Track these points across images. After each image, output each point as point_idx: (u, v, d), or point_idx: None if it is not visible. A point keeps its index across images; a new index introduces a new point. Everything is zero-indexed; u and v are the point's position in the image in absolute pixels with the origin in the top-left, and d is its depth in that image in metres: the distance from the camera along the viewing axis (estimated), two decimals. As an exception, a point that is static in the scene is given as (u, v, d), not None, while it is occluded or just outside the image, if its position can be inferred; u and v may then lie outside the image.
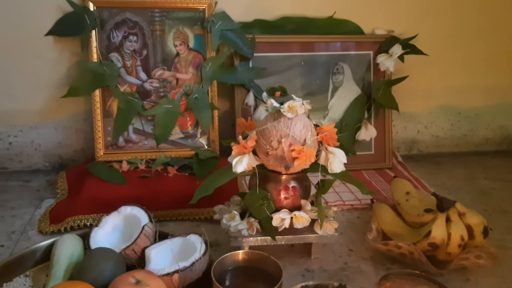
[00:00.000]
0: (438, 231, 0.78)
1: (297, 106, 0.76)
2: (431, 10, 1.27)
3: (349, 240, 0.92)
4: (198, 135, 1.16)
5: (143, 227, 0.79)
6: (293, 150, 0.74)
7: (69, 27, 1.09)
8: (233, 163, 0.76)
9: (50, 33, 1.10)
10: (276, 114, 0.77)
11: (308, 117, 0.80)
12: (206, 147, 1.16)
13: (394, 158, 1.28)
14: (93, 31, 1.08)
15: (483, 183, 1.21)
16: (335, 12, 1.21)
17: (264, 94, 0.83)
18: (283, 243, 0.81)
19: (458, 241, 0.78)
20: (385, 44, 1.21)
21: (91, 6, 1.07)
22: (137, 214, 0.83)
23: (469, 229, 0.80)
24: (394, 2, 1.24)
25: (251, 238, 0.80)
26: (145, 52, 1.12)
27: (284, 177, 0.80)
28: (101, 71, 1.08)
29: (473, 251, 0.78)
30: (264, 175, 0.80)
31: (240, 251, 0.74)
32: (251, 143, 0.76)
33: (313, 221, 0.82)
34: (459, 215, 0.81)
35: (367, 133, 1.21)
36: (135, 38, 1.10)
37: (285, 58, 1.19)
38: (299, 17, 1.20)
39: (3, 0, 1.08)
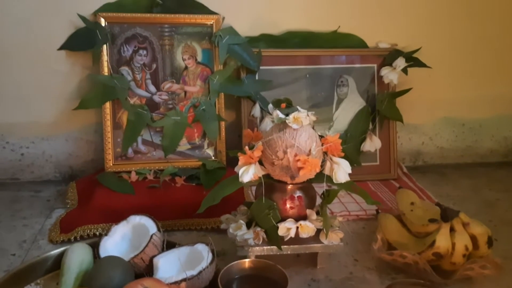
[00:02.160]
0: (442, 241, 0.79)
1: (302, 117, 0.77)
2: (434, 23, 1.29)
3: (354, 250, 0.93)
4: (205, 146, 1.18)
5: (151, 236, 0.80)
6: (298, 160, 0.75)
7: (81, 42, 1.12)
8: (240, 173, 0.77)
9: (62, 47, 1.14)
10: (282, 125, 0.79)
11: (313, 128, 0.82)
12: (213, 157, 1.17)
13: (399, 169, 1.29)
14: (104, 46, 1.11)
15: (488, 194, 1.22)
16: (339, 26, 1.24)
17: (270, 106, 0.85)
18: (289, 252, 0.83)
19: (463, 251, 0.79)
20: (388, 57, 1.23)
21: (103, 22, 1.11)
22: (146, 224, 0.84)
23: (473, 239, 0.81)
24: (397, 16, 1.26)
25: (257, 248, 0.82)
26: (154, 65, 1.14)
27: (289, 186, 0.82)
28: (111, 84, 1.11)
29: (478, 261, 0.79)
30: (270, 185, 0.82)
31: (247, 260, 0.75)
32: (257, 153, 0.78)
33: (318, 231, 0.83)
34: (463, 225, 0.82)
35: (372, 144, 1.23)
36: (145, 52, 1.14)
37: (290, 71, 1.21)
38: (304, 32, 1.23)
39: (18, 16, 1.12)
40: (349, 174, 0.79)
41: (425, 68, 1.23)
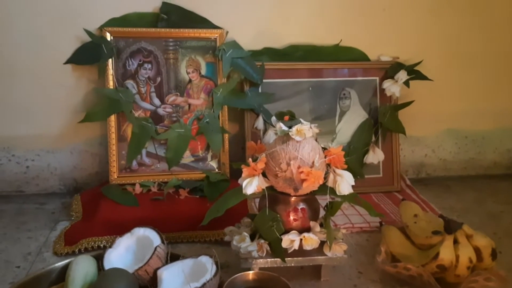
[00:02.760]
0: (446, 253, 0.79)
1: (305, 129, 0.78)
2: (436, 36, 1.30)
3: (358, 262, 0.93)
4: (209, 158, 1.18)
5: (155, 249, 0.81)
6: (301, 172, 0.76)
7: (87, 56, 1.14)
8: (243, 185, 0.78)
9: (69, 61, 1.15)
10: (285, 137, 0.80)
11: (316, 140, 0.83)
12: (216, 170, 1.18)
13: (403, 181, 1.29)
14: (110, 60, 1.12)
15: (492, 206, 1.21)
16: (341, 40, 1.25)
17: (273, 118, 0.85)
18: (292, 265, 0.83)
19: (467, 263, 0.79)
20: (390, 70, 1.24)
21: (108, 36, 1.13)
22: (150, 236, 0.85)
23: (477, 251, 0.81)
24: (398, 30, 1.28)
25: (261, 260, 0.82)
26: (159, 79, 1.16)
27: (293, 199, 0.82)
28: (116, 97, 1.12)
29: (483, 274, 0.79)
30: (273, 197, 0.82)
31: (250, 272, 0.76)
32: (260, 165, 0.78)
33: (322, 243, 0.83)
34: (467, 237, 0.82)
35: (375, 156, 1.23)
36: (149, 66, 1.15)
37: (293, 84, 1.22)
38: (306, 45, 1.24)
39: (25, 31, 1.14)
40: (352, 186, 0.79)
41: (427, 80, 1.24)
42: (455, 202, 1.24)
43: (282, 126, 0.80)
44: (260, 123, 1.20)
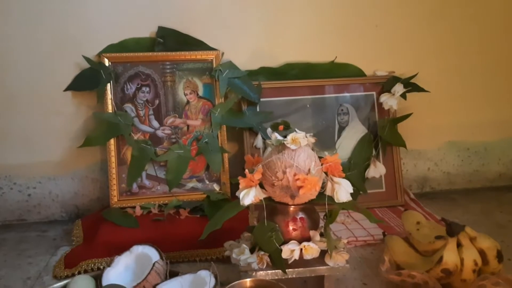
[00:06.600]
0: (449, 256, 0.77)
1: (300, 137, 0.78)
2: (430, 48, 1.31)
3: (363, 274, 0.91)
4: (210, 180, 1.18)
5: (153, 264, 0.80)
6: (297, 179, 0.75)
7: (86, 82, 1.16)
8: (241, 196, 0.77)
9: (68, 88, 1.18)
10: (280, 147, 0.80)
11: (312, 149, 0.82)
12: (217, 190, 1.17)
13: (406, 195, 1.27)
14: (108, 85, 1.15)
15: (499, 216, 1.19)
16: (336, 57, 1.27)
17: (269, 130, 0.86)
18: (294, 276, 0.80)
19: (472, 266, 0.77)
20: (387, 84, 1.25)
21: (107, 62, 1.15)
22: (149, 253, 0.84)
23: (481, 253, 0.78)
24: (392, 44, 1.29)
25: (261, 272, 0.80)
26: (157, 101, 1.18)
27: (291, 208, 0.81)
28: (115, 121, 1.14)
29: (490, 278, 0.76)
30: (272, 208, 0.81)
31: (248, 279, 0.74)
32: (257, 176, 0.78)
33: (323, 253, 0.81)
34: (470, 240, 0.80)
35: (376, 170, 1.22)
36: (147, 89, 1.17)
37: (290, 102, 1.23)
38: (302, 63, 1.26)
39: (24, 59, 1.17)
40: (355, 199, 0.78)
41: (425, 93, 1.25)
42: (461, 214, 1.21)
43: (277, 136, 0.80)
44: (259, 141, 1.20)
